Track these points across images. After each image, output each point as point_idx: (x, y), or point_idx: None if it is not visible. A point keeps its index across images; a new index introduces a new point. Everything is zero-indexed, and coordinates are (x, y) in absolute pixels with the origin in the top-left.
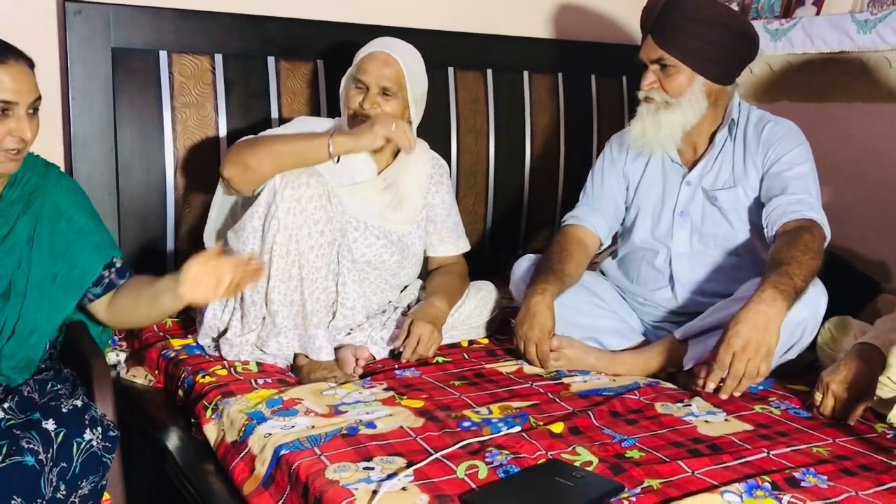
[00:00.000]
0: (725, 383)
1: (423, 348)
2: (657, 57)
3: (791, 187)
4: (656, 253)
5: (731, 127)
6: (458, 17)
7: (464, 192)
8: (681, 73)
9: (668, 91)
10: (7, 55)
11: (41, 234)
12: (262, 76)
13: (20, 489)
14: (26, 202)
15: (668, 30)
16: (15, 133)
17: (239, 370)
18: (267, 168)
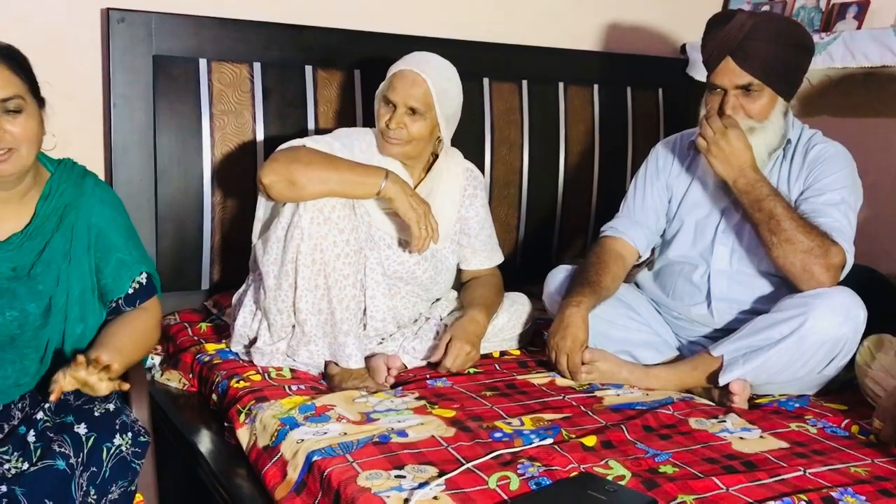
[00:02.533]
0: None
1: (460, 364)
2: (745, 82)
3: (823, 213)
4: (695, 268)
5: (787, 147)
6: (495, 29)
7: (497, 202)
8: (764, 95)
9: (753, 115)
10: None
11: (77, 249)
12: (299, 85)
13: (51, 493)
14: (60, 216)
15: (752, 53)
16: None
17: (273, 376)
18: (314, 190)
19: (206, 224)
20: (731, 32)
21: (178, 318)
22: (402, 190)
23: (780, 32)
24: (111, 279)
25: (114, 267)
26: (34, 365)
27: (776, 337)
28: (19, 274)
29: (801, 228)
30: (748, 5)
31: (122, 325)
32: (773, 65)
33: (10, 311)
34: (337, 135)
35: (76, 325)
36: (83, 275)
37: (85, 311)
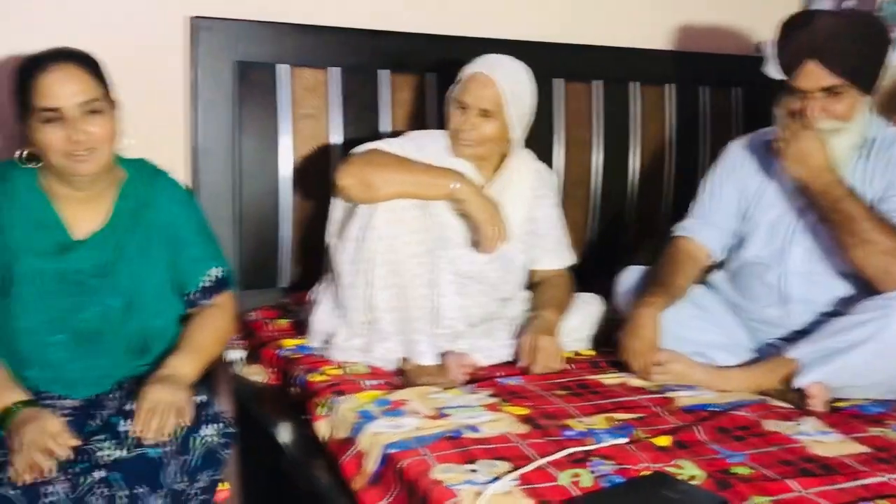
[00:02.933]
0: None
1: (546, 361)
2: (830, 84)
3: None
4: (769, 269)
5: (867, 145)
6: (567, 30)
7: (568, 202)
8: (849, 95)
9: (838, 116)
10: (48, 62)
11: (153, 245)
12: (374, 89)
13: (145, 479)
14: (136, 214)
15: (836, 54)
16: (72, 137)
17: (349, 370)
18: (388, 192)
19: (284, 224)
20: (813, 34)
21: (259, 315)
22: (473, 191)
23: (862, 31)
24: (185, 274)
25: (187, 262)
26: (120, 357)
27: (856, 339)
28: (100, 271)
29: (880, 229)
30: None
31: (199, 326)
32: (857, 64)
33: (94, 306)
34: (409, 137)
35: (156, 318)
36: (159, 270)
37: (163, 305)
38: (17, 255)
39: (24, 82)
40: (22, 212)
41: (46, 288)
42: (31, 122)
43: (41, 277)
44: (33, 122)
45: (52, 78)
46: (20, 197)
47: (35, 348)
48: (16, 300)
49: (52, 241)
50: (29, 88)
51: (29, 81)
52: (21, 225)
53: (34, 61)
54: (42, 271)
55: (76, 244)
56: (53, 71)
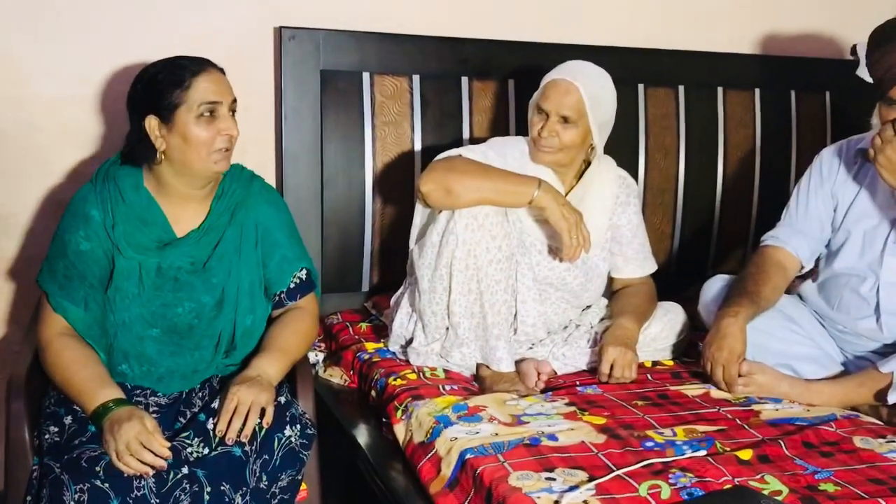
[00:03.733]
0: None
1: (620, 371)
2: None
3: None
4: (863, 280)
5: None
6: (650, 34)
7: (651, 209)
8: None
9: None
10: (205, 65)
11: (247, 244)
12: (455, 95)
13: (229, 477)
14: (232, 213)
15: None
16: (224, 132)
17: (427, 375)
18: (469, 198)
19: (367, 229)
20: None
21: (340, 318)
22: (554, 199)
23: None
24: (274, 273)
25: (277, 262)
26: (209, 353)
27: None
28: (196, 268)
29: None
30: None
31: (284, 327)
32: None
33: (188, 302)
34: (491, 144)
35: (246, 316)
36: (251, 268)
37: (254, 302)
38: (121, 250)
39: (177, 80)
40: (127, 209)
41: (145, 283)
42: (178, 120)
43: (141, 272)
44: (182, 119)
45: (213, 77)
46: (127, 195)
47: (131, 342)
48: (117, 294)
49: (154, 237)
50: (184, 85)
51: (186, 78)
52: (126, 222)
53: (181, 64)
54: (142, 266)
55: (176, 241)
56: (212, 72)
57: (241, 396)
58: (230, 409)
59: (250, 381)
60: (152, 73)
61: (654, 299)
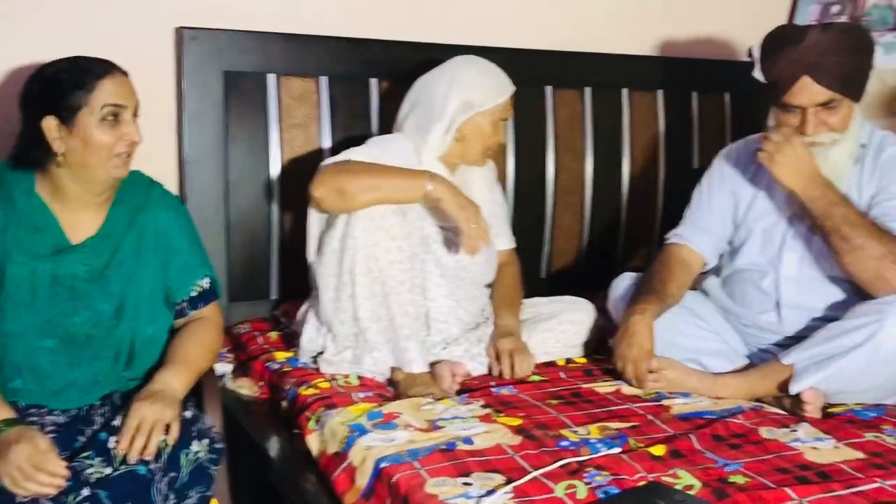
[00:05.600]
0: None
1: (518, 364)
2: (826, 99)
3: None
4: (763, 275)
5: (859, 151)
6: (557, 36)
7: (561, 210)
8: (843, 107)
9: (834, 128)
10: (110, 67)
11: (146, 251)
12: (364, 97)
13: (133, 497)
14: (131, 218)
15: (830, 69)
16: (126, 137)
17: (340, 383)
18: (363, 198)
19: (274, 235)
20: (806, 51)
21: (248, 327)
22: (449, 190)
23: (850, 42)
24: (175, 281)
25: (178, 269)
26: (109, 364)
27: (849, 344)
28: (93, 276)
29: (873, 234)
30: (817, 5)
31: (188, 338)
32: (848, 76)
33: (85, 311)
34: (372, 143)
35: (147, 325)
36: (151, 276)
37: (154, 311)
38: (11, 256)
39: (81, 81)
40: (18, 214)
41: (38, 291)
42: (79, 123)
43: (34, 280)
44: (84, 121)
45: (118, 80)
46: (17, 200)
47: (24, 353)
48: (7, 302)
49: (48, 244)
50: (88, 87)
51: (89, 80)
52: (16, 227)
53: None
54: (35, 274)
55: (72, 248)
56: (117, 75)
57: (144, 413)
58: (132, 427)
59: (154, 397)
60: (53, 73)
61: (520, 280)
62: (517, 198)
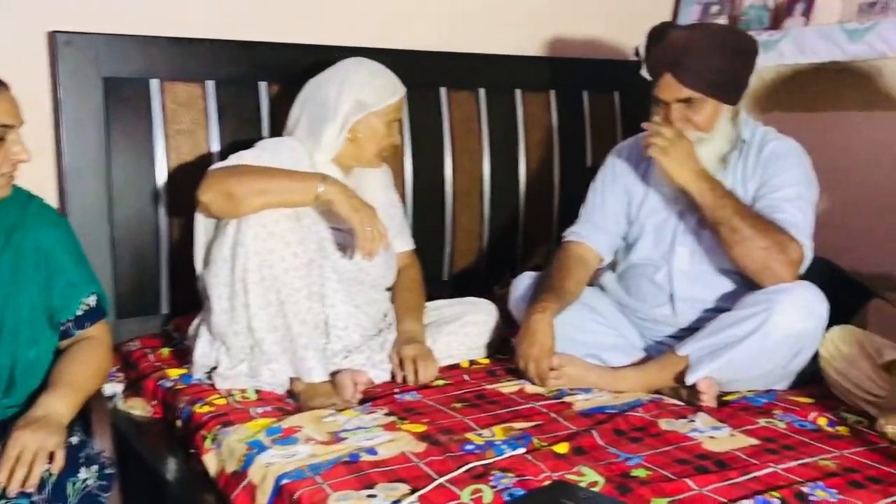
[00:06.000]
0: None
1: (422, 370)
2: (685, 97)
3: (780, 209)
4: (657, 269)
5: (741, 147)
6: (448, 37)
7: (460, 211)
8: (707, 107)
9: (699, 127)
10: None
11: (26, 269)
12: (253, 101)
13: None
14: (7, 236)
15: (691, 68)
16: (14, 157)
17: (237, 399)
18: (253, 202)
19: (162, 247)
20: (667, 48)
21: (139, 344)
22: (342, 192)
23: (716, 43)
24: (59, 300)
25: (62, 288)
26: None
27: (740, 334)
28: None
29: (759, 226)
30: (698, 5)
31: (73, 359)
32: (712, 76)
33: None
34: (262, 146)
35: (28, 348)
36: (32, 295)
37: (36, 333)
38: None
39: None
40: None
41: None
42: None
43: None
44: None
45: (5, 97)
46: None
47: None
48: None
49: None
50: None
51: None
52: None
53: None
54: None
55: None
56: (4, 93)
57: (25, 441)
58: (12, 457)
59: (35, 423)
60: None
61: (422, 281)
62: (416, 200)
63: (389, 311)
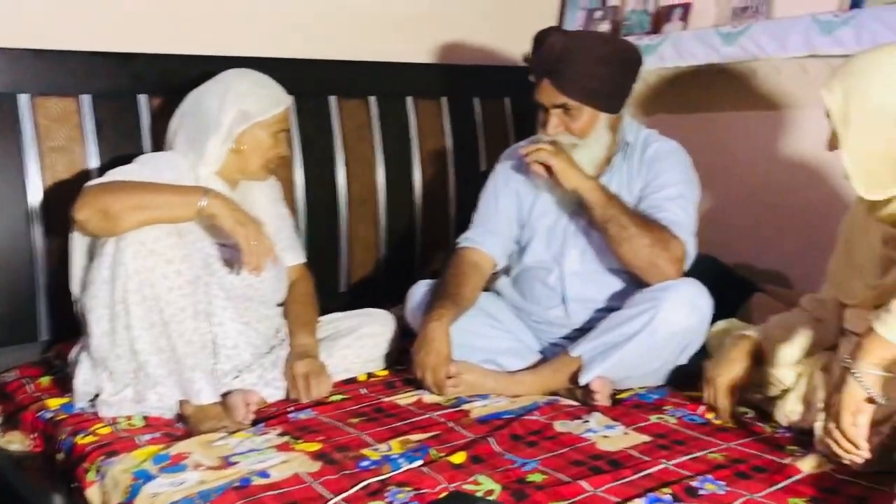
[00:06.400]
0: None
1: (314, 386)
2: (561, 102)
3: (663, 208)
4: (549, 272)
5: (625, 150)
6: (337, 46)
7: (355, 220)
8: (584, 114)
9: (575, 133)
10: None
11: None
12: (133, 115)
13: None
14: None
15: (567, 75)
16: None
17: (122, 426)
18: (132, 219)
19: (39, 269)
20: (546, 54)
21: (16, 375)
22: (225, 205)
23: (593, 52)
24: None
25: None
26: None
27: (630, 332)
28: None
29: (642, 225)
30: (582, 11)
31: None
32: (588, 84)
33: None
34: (142, 161)
35: None
36: None
37: None
38: None
39: None
40: None
41: None
42: None
43: None
44: None
45: None
46: None
47: None
48: None
49: None
50: None
51: None
52: None
53: None
54: None
55: None
56: None
57: None
58: None
59: None
60: None
61: (314, 296)
62: (310, 211)
63: (282, 326)
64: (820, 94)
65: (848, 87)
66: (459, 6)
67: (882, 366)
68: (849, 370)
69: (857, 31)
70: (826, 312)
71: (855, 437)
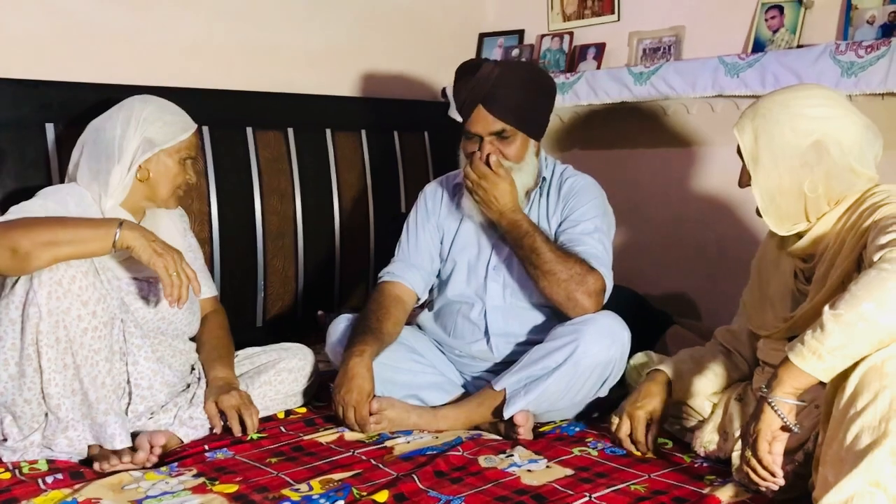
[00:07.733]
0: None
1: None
2: (498, 129)
3: (580, 242)
4: (472, 306)
5: (542, 185)
6: (255, 77)
7: (272, 254)
8: (517, 139)
9: (510, 158)
10: None
11: None
12: (40, 144)
13: None
14: None
15: (503, 101)
16: None
17: (25, 471)
18: (44, 256)
19: None
20: (480, 81)
21: None
22: (142, 236)
23: (525, 79)
24: None
25: None
26: None
27: (552, 365)
28: None
29: (560, 259)
30: (500, 48)
31: None
32: (522, 110)
33: None
34: (45, 195)
35: None
36: None
37: None
38: None
39: None
40: None
41: None
42: None
43: None
44: None
45: None
46: None
47: None
48: None
49: None
50: None
51: None
52: None
53: None
54: None
55: None
56: None
57: None
58: None
59: None
60: None
61: (228, 329)
62: (224, 244)
63: (197, 363)
64: (728, 133)
65: (757, 126)
66: (378, 41)
67: (796, 395)
68: (765, 399)
69: (761, 73)
70: (739, 344)
71: (771, 464)
